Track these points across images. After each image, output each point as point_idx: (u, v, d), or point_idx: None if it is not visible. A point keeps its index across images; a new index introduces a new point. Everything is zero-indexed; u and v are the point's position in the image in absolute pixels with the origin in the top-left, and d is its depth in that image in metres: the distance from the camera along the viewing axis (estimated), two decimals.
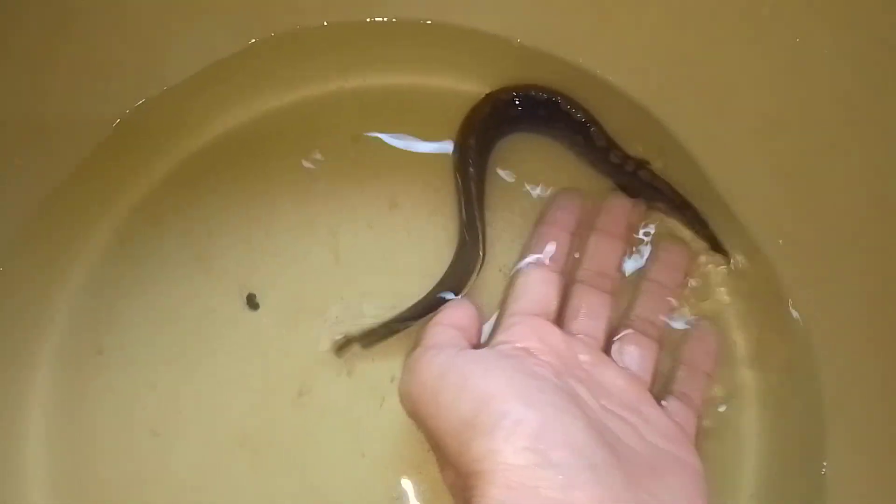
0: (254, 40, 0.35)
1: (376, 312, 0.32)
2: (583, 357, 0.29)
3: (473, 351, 0.28)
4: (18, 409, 0.32)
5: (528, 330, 0.29)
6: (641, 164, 0.34)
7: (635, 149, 0.35)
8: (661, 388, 0.31)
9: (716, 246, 0.34)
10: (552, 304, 0.30)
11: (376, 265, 0.34)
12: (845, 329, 0.31)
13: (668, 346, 0.32)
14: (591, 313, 0.31)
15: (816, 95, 0.30)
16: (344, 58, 0.36)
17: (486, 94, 0.35)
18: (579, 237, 0.33)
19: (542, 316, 0.30)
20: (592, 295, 0.31)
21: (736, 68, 0.32)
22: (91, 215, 0.34)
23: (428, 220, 0.34)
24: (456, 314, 0.30)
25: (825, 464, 0.31)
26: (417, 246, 0.34)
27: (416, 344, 0.29)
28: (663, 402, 0.30)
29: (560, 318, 0.31)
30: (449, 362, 0.26)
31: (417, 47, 0.36)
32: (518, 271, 0.32)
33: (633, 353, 0.31)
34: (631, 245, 0.34)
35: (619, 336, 0.31)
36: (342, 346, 0.32)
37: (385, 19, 0.36)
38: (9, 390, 0.32)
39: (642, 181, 0.34)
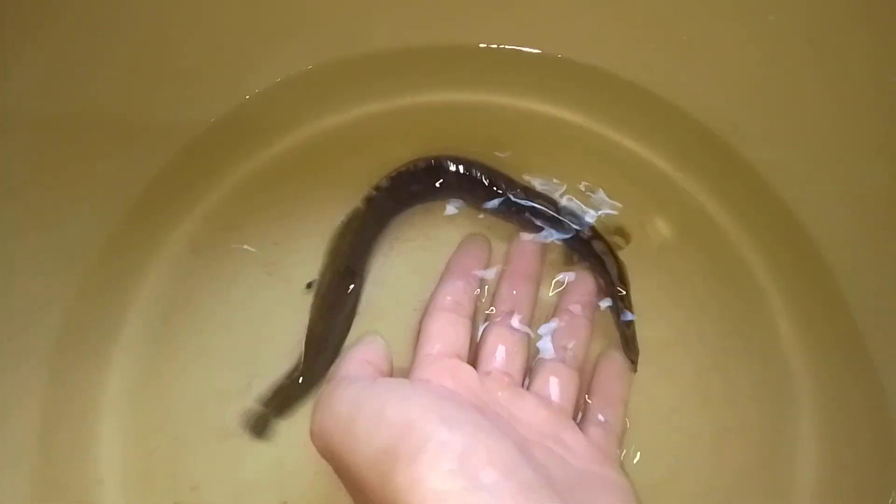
0: (320, 61, 0.37)
1: None
2: (500, 394, 0.29)
3: (389, 379, 0.27)
4: (96, 396, 0.33)
5: (442, 370, 0.29)
6: (597, 235, 0.34)
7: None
8: (583, 414, 0.31)
9: (628, 348, 0.33)
10: (463, 346, 0.31)
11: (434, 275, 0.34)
12: None
13: (587, 372, 0.32)
14: (506, 352, 0.31)
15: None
16: (409, 78, 0.37)
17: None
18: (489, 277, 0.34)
19: (455, 358, 0.30)
20: (507, 334, 0.32)
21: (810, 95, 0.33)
22: (167, 223, 0.35)
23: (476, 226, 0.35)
24: (367, 349, 0.30)
25: (894, 494, 0.30)
26: None
27: (328, 380, 0.29)
28: (585, 429, 0.30)
29: (476, 359, 0.31)
30: (364, 391, 0.25)
31: (475, 70, 0.38)
32: (427, 315, 0.32)
33: (553, 383, 0.31)
34: (540, 282, 0.34)
35: (537, 366, 0.31)
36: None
37: (451, 43, 0.38)
38: (89, 378, 0.33)
39: (593, 251, 0.34)
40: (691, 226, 0.36)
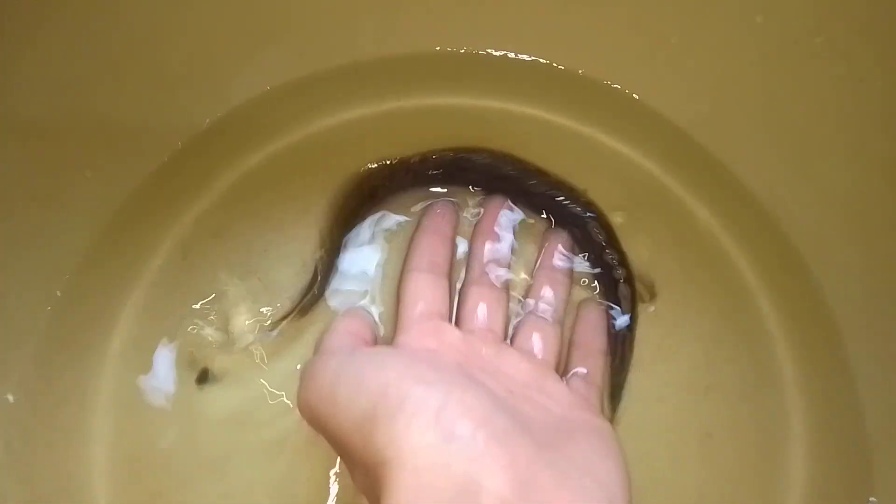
0: (309, 66, 0.37)
1: None
2: (484, 350, 0.30)
3: (368, 348, 0.28)
4: (86, 404, 0.33)
5: (425, 332, 0.29)
6: (628, 279, 0.34)
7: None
8: (564, 366, 0.32)
9: (612, 396, 0.33)
10: (444, 306, 0.31)
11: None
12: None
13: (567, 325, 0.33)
14: (487, 309, 0.32)
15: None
16: (397, 82, 0.38)
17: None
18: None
19: (437, 318, 0.30)
20: (486, 292, 0.32)
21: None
22: (157, 226, 0.35)
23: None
24: (350, 321, 0.31)
25: (872, 500, 0.31)
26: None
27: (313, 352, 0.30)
28: (566, 379, 0.31)
29: (458, 319, 0.32)
30: (344, 362, 0.26)
31: (461, 75, 0.38)
32: (404, 278, 0.32)
33: (535, 338, 0.31)
34: (515, 238, 0.34)
35: (518, 323, 0.32)
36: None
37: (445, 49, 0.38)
38: (78, 387, 0.33)
39: (615, 293, 0.34)
40: (681, 231, 0.37)
